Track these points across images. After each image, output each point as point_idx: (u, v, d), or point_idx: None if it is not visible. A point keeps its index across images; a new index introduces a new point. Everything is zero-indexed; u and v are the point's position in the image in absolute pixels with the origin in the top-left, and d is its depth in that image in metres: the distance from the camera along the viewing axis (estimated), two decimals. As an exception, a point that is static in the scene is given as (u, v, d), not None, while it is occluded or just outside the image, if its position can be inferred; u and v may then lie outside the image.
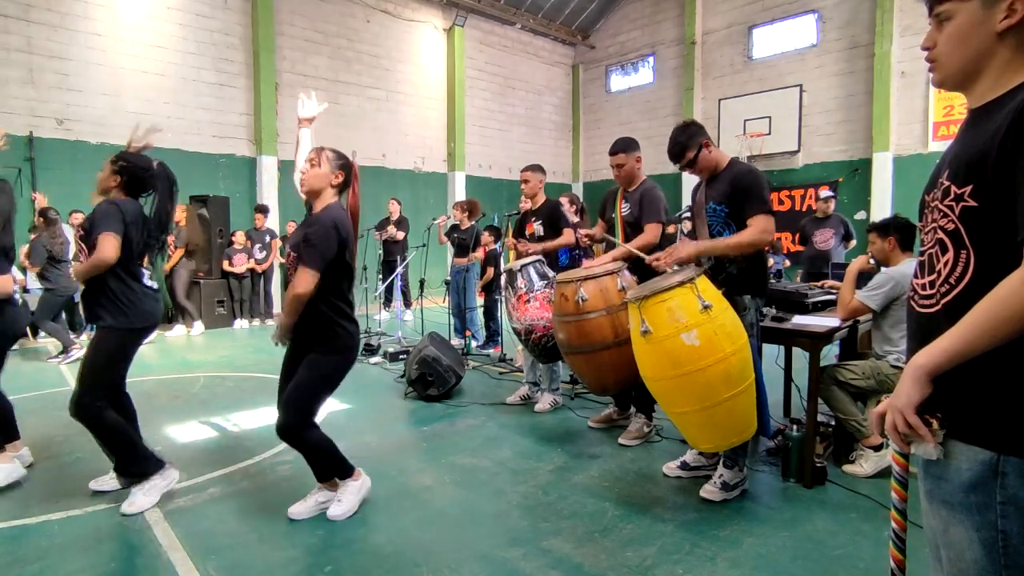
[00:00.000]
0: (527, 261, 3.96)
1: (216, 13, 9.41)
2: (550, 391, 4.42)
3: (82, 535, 2.52)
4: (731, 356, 2.47)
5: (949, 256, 1.04)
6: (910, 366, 1.02)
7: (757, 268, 2.87)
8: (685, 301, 2.49)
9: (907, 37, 9.97)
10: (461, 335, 6.42)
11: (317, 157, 2.56)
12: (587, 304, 3.07)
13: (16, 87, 7.72)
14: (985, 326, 0.93)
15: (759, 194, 2.75)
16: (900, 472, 1.18)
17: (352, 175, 2.64)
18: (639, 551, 2.38)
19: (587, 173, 15.12)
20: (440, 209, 11.69)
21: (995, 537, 0.96)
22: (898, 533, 1.21)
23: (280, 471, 3.25)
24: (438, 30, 12.33)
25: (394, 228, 8.89)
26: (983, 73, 1.05)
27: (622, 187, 3.69)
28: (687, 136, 2.88)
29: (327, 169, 2.56)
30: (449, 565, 2.30)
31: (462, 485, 3.08)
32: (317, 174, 2.55)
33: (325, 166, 2.56)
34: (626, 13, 14.08)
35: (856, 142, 10.66)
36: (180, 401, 4.67)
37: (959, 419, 1.01)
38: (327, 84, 10.62)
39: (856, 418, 3.10)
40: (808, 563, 2.29)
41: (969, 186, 1.00)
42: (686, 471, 3.11)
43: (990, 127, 0.98)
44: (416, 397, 4.68)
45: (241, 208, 9.40)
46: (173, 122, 8.95)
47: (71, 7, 8.10)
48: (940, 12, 1.08)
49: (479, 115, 13.07)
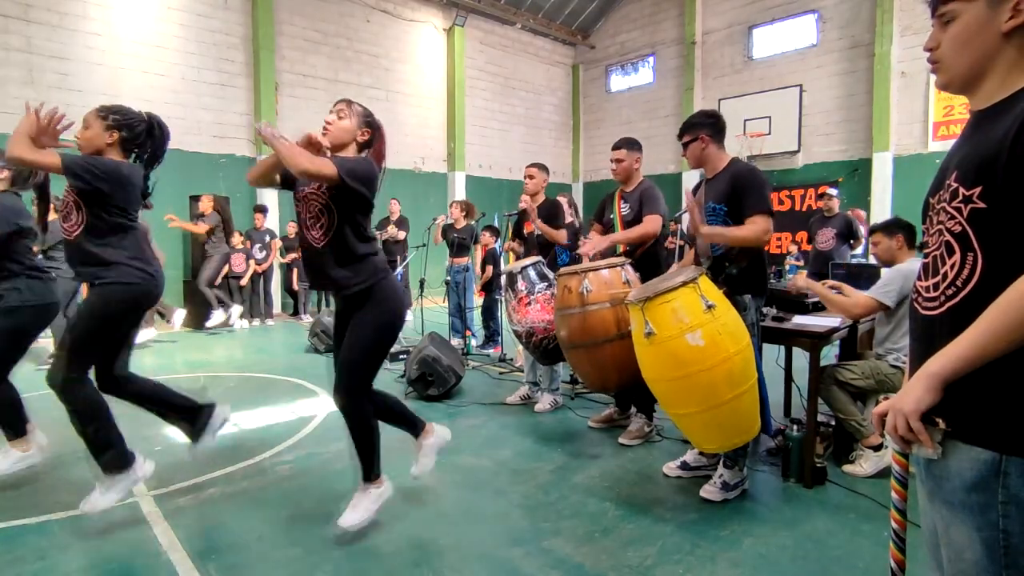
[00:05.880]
0: (527, 263, 3.96)
1: (216, 13, 9.41)
2: (550, 391, 4.42)
3: (82, 535, 2.52)
4: (735, 356, 2.47)
5: (956, 258, 1.03)
6: (922, 373, 1.00)
7: (757, 268, 2.87)
8: (688, 301, 2.48)
9: (907, 37, 9.98)
10: (460, 335, 6.42)
11: (347, 109, 2.43)
12: (591, 296, 3.06)
13: (16, 87, 7.71)
14: (999, 331, 0.92)
15: (760, 193, 2.75)
16: (900, 472, 1.18)
17: (378, 137, 2.51)
18: (639, 551, 2.38)
19: (587, 173, 15.12)
20: (440, 209, 11.69)
21: (996, 537, 0.96)
22: (898, 533, 1.21)
23: (280, 471, 3.25)
24: (438, 30, 12.33)
25: (395, 228, 8.89)
26: (988, 74, 1.04)
27: (620, 187, 3.70)
28: (696, 122, 2.97)
29: (355, 124, 2.43)
30: (450, 565, 2.30)
31: (462, 485, 3.08)
32: (344, 127, 2.41)
33: (353, 120, 2.42)
34: (626, 13, 14.08)
35: (856, 142, 10.66)
36: (180, 401, 4.67)
37: (961, 419, 1.01)
38: (327, 84, 10.63)
39: (856, 418, 3.10)
40: (808, 563, 2.29)
41: (978, 188, 0.98)
42: (686, 471, 3.11)
43: (999, 129, 0.97)
44: (416, 397, 4.67)
45: (241, 208, 9.40)
46: (173, 122, 8.76)
47: (71, 7, 8.10)
48: (944, 12, 1.06)
49: (479, 115, 13.07)
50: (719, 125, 2.96)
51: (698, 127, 2.93)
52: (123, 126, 2.62)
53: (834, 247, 6.44)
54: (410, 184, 11.81)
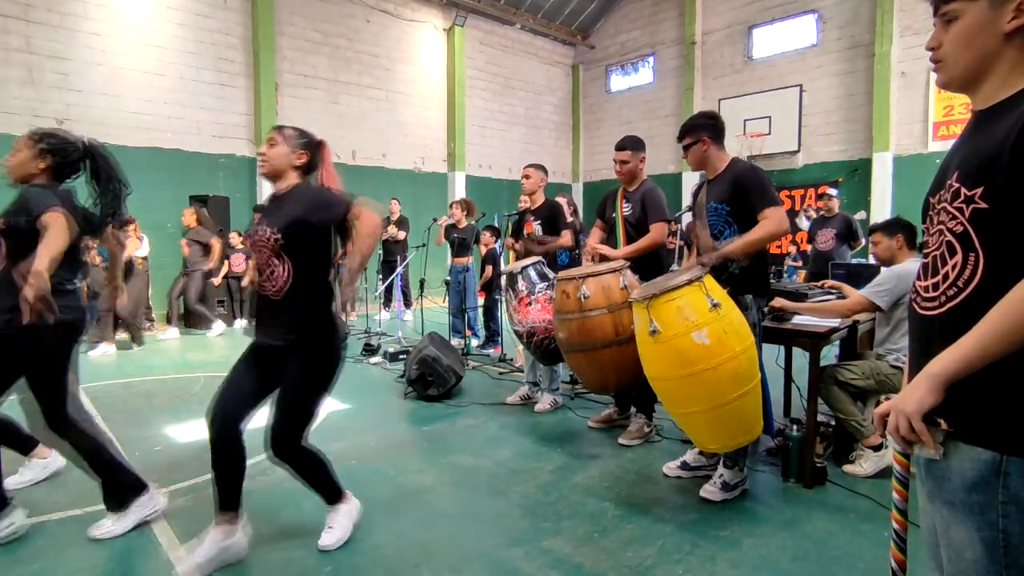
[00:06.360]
0: (527, 263, 3.96)
1: (216, 13, 9.40)
2: (550, 391, 4.42)
3: (82, 535, 2.52)
4: (740, 355, 2.48)
5: (957, 259, 1.02)
6: (925, 374, 1.00)
7: (759, 267, 2.88)
8: (694, 299, 2.48)
9: (907, 37, 9.97)
10: (461, 335, 6.42)
11: (277, 135, 2.32)
12: (589, 301, 3.07)
13: (16, 87, 7.71)
14: (1002, 332, 0.91)
15: (765, 188, 2.76)
16: (901, 472, 1.18)
17: (319, 155, 2.39)
18: (639, 551, 2.38)
19: (587, 173, 15.11)
20: (440, 209, 11.68)
21: (996, 537, 0.96)
22: (899, 533, 1.21)
23: (280, 471, 3.23)
24: (438, 30, 12.32)
25: (395, 228, 8.89)
26: (990, 74, 1.04)
27: (623, 186, 3.69)
28: (697, 124, 2.97)
29: (287, 148, 2.30)
30: (449, 565, 2.30)
31: (462, 485, 3.07)
32: (276, 153, 2.29)
33: (284, 145, 2.30)
34: (626, 13, 14.08)
35: (856, 142, 10.66)
36: (180, 401, 4.66)
37: (962, 419, 1.00)
38: (327, 84, 10.62)
39: (856, 418, 3.10)
40: (808, 563, 2.29)
41: (980, 188, 0.98)
42: (686, 471, 3.11)
43: (1001, 129, 0.97)
44: (416, 397, 4.67)
45: (241, 208, 9.40)
46: (173, 122, 8.94)
47: (71, 7, 8.09)
48: (946, 12, 1.06)
49: (479, 115, 13.06)
50: (719, 126, 2.96)
51: (699, 129, 2.93)
52: (56, 151, 2.48)
53: (834, 247, 6.43)
54: (410, 184, 11.80)
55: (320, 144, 2.41)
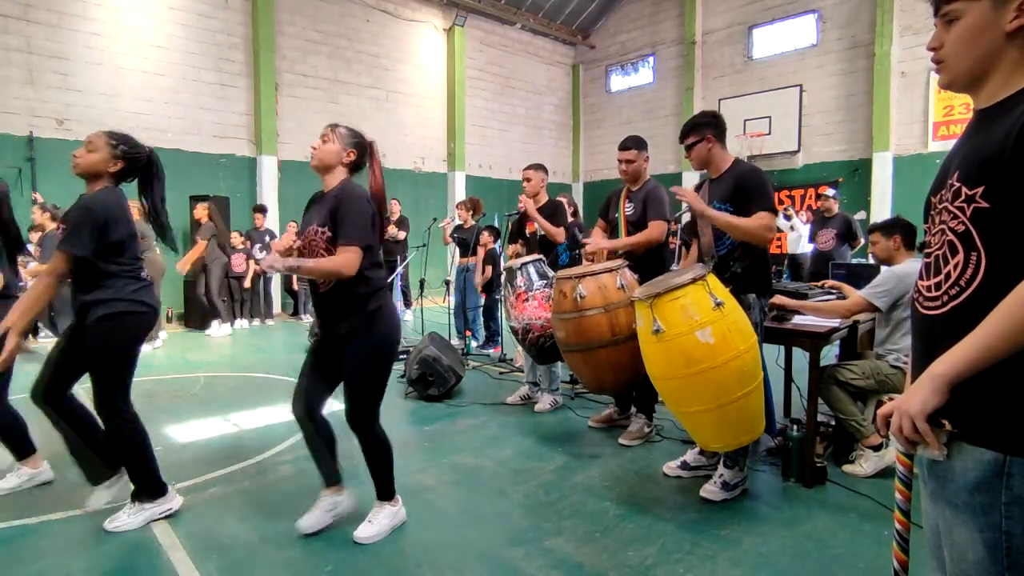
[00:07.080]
0: (528, 260, 3.96)
1: (216, 13, 9.40)
2: (550, 391, 4.42)
3: (82, 535, 2.52)
4: (744, 354, 2.48)
5: (959, 258, 1.02)
6: (928, 374, 0.99)
7: (761, 267, 2.88)
8: (698, 298, 2.48)
9: (907, 37, 9.98)
10: (461, 335, 6.42)
11: (330, 134, 2.46)
12: (585, 301, 3.07)
13: (16, 87, 7.71)
14: (1006, 332, 0.91)
15: (764, 192, 2.77)
16: (904, 472, 1.18)
17: (369, 155, 2.53)
18: (640, 551, 2.38)
19: (587, 173, 15.11)
20: (440, 209, 11.69)
21: (999, 538, 0.96)
22: (901, 533, 1.20)
23: (281, 471, 3.25)
24: (438, 30, 12.32)
25: (395, 228, 8.89)
26: (992, 74, 1.04)
27: (626, 186, 3.69)
28: (701, 122, 2.96)
29: (339, 146, 2.45)
30: (450, 565, 2.29)
31: (463, 485, 3.07)
32: (329, 150, 2.44)
33: (337, 143, 2.45)
34: (626, 13, 14.08)
35: (856, 142, 10.66)
36: (180, 401, 4.67)
37: (965, 420, 1.00)
38: (327, 84, 10.62)
39: (856, 418, 3.10)
40: (808, 563, 2.29)
41: (981, 187, 0.98)
42: (686, 471, 3.11)
43: (1002, 128, 0.97)
44: (416, 397, 4.67)
45: (241, 208, 9.40)
46: (173, 122, 8.94)
47: (71, 7, 8.09)
48: (948, 12, 1.06)
49: (479, 115, 13.07)
50: (722, 125, 2.97)
51: (704, 127, 2.92)
52: (130, 159, 2.60)
53: (834, 247, 6.44)
54: (410, 184, 11.81)
55: (370, 145, 2.54)
